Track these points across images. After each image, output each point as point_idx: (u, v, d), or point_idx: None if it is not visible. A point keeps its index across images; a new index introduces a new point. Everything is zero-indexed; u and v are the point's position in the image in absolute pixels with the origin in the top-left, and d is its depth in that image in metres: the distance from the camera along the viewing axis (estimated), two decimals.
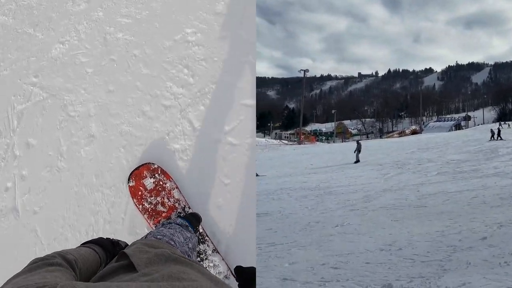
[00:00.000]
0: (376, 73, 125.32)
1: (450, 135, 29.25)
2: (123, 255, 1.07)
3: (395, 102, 78.63)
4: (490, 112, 62.90)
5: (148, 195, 2.48)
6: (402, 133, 50.67)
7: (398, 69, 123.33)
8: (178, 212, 2.42)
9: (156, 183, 2.48)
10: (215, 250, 2.41)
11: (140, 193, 2.48)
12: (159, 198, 2.46)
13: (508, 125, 33.06)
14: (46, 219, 2.85)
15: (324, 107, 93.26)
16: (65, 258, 1.00)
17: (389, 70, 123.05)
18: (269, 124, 67.59)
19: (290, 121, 72.88)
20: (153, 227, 2.34)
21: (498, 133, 21.30)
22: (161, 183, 2.49)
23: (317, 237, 5.56)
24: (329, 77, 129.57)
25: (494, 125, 31.85)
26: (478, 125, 42.33)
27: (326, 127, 69.71)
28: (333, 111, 65.95)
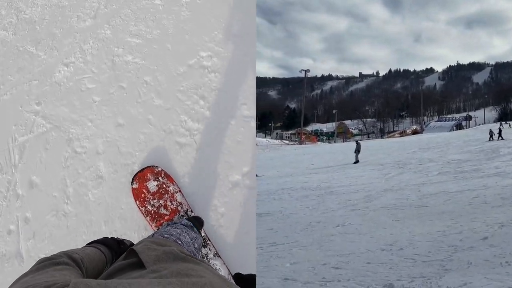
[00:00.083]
0: (377, 73, 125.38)
1: (451, 135, 29.25)
2: (132, 253, 1.08)
3: (396, 102, 78.64)
4: (491, 112, 62.92)
5: (151, 198, 2.48)
6: (403, 133, 50.68)
7: (399, 69, 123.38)
8: (181, 215, 2.43)
9: (159, 186, 2.48)
10: (217, 254, 2.41)
11: (143, 196, 2.48)
12: (162, 201, 2.46)
13: (509, 125, 33.03)
14: None
15: (325, 107, 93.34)
16: (72, 257, 1.01)
17: (390, 70, 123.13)
18: (270, 124, 67.64)
19: (291, 121, 72.90)
20: (155, 230, 2.34)
21: (499, 133, 21.27)
22: (164, 186, 2.48)
23: (318, 237, 5.57)
24: (330, 77, 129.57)
25: (495, 125, 31.85)
26: (479, 125, 42.35)
27: (327, 127, 69.76)
28: (334, 111, 66.01)
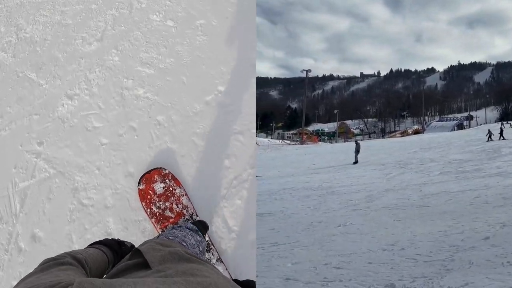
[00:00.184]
0: (378, 73, 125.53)
1: (453, 135, 29.21)
2: (137, 253, 1.08)
3: (397, 102, 78.68)
4: (493, 112, 62.88)
5: (157, 200, 2.47)
6: (405, 133, 50.67)
7: (400, 69, 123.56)
8: (186, 219, 2.43)
9: (166, 189, 2.47)
10: (219, 259, 2.41)
11: (149, 197, 2.47)
12: (168, 204, 2.46)
13: (510, 125, 33.01)
14: None
15: (327, 107, 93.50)
16: (76, 258, 1.02)
17: (391, 70, 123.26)
18: (272, 124, 67.70)
19: (293, 121, 73.00)
20: (160, 232, 2.35)
21: (501, 133, 21.24)
22: (171, 189, 2.47)
23: (320, 237, 5.57)
24: (331, 77, 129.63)
25: (496, 125, 31.82)
26: (481, 125, 42.32)
27: (329, 127, 69.84)
28: (336, 111, 66.10)
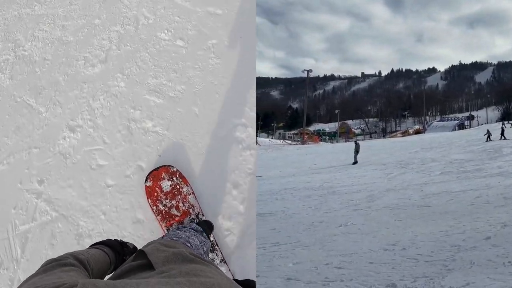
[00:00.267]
0: (379, 73, 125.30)
1: (454, 135, 29.21)
2: (141, 254, 1.09)
3: (398, 102, 78.57)
4: (494, 112, 62.75)
5: (164, 197, 2.46)
6: (406, 133, 50.63)
7: (401, 69, 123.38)
8: (192, 218, 2.42)
9: (173, 186, 2.46)
10: (223, 260, 2.41)
11: (156, 194, 2.47)
12: (174, 202, 2.45)
13: (511, 125, 32.95)
14: None
15: (328, 107, 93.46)
16: (78, 259, 1.02)
17: (392, 70, 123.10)
18: (273, 124, 67.69)
19: (294, 121, 72.95)
20: (165, 230, 2.35)
21: (502, 133, 21.21)
22: (178, 187, 2.46)
23: (321, 237, 5.58)
24: (332, 77, 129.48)
25: (496, 125, 31.77)
26: (482, 125, 42.26)
27: (330, 127, 69.80)
28: (337, 111, 66.12)
